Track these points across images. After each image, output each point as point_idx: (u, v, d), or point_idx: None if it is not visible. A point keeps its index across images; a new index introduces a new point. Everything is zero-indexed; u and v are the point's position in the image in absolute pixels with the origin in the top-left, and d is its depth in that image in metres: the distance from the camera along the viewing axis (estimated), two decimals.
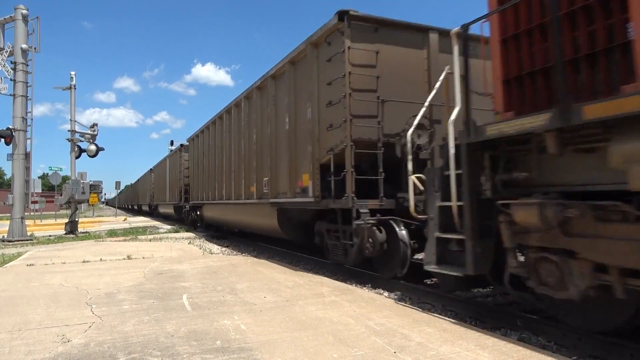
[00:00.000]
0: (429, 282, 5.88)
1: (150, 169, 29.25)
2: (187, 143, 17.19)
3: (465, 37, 4.00)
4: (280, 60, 8.22)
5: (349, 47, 5.97)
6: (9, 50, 13.59)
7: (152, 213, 31.03)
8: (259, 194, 9.20)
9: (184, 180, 17.52)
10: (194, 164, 15.65)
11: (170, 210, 21.31)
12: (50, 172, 24.77)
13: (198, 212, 15.23)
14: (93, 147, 15.97)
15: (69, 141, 15.61)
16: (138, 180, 40.48)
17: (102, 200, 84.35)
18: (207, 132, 13.85)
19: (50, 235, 14.87)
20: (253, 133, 9.60)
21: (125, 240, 12.96)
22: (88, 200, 18.92)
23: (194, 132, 15.58)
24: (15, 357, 3.10)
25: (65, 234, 15.18)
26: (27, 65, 13.73)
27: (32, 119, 13.75)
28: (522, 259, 3.57)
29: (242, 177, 10.27)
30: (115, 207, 44.03)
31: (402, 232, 5.65)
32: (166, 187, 21.82)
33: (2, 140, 13.16)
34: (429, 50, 6.46)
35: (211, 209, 13.38)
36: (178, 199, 18.35)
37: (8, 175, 76.25)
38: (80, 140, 15.86)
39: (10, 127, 13.25)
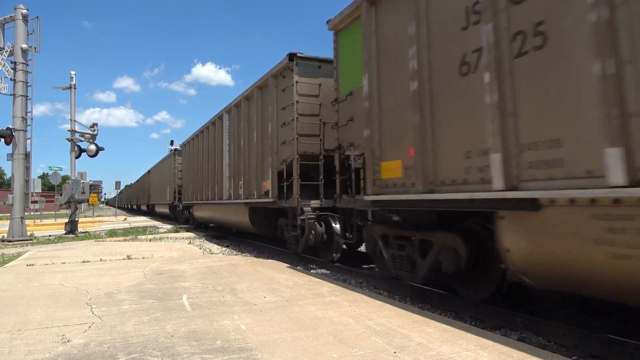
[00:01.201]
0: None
1: (175, 150, 20.75)
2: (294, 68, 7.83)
3: None
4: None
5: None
6: (9, 50, 13.58)
7: (176, 217, 20.65)
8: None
9: (285, 152, 8.15)
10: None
11: (238, 217, 10.67)
12: (50, 172, 24.77)
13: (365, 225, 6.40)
14: (93, 147, 15.95)
15: (69, 141, 15.59)
16: (149, 171, 31.20)
17: (102, 200, 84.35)
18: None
19: (50, 235, 14.86)
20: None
21: (125, 240, 12.95)
22: (88, 200, 18.89)
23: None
24: (15, 357, 3.10)
25: (65, 233, 15.17)
26: (27, 65, 13.72)
27: (32, 119, 13.74)
28: None
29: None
30: (115, 207, 43.97)
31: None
32: (221, 172, 11.99)
33: (2, 140, 13.15)
34: None
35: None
36: (275, 193, 8.46)
37: (8, 175, 76.29)
38: (80, 140, 15.84)
39: (10, 126, 13.24)
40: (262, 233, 9.80)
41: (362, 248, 7.50)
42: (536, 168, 3.37)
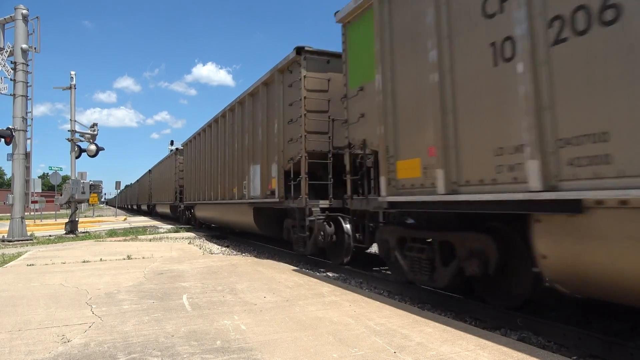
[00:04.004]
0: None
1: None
2: None
3: None
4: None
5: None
6: (9, 50, 13.57)
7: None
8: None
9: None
10: None
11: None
12: (50, 172, 24.77)
13: None
14: (93, 147, 15.95)
15: (69, 141, 15.59)
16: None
17: (102, 200, 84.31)
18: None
19: (50, 235, 14.86)
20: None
21: (125, 240, 12.95)
22: (88, 200, 18.88)
23: None
24: (15, 357, 3.10)
25: (65, 233, 15.17)
26: (27, 65, 13.72)
27: (32, 119, 13.74)
28: None
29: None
30: (115, 207, 43.92)
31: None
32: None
33: (2, 140, 13.15)
34: None
35: None
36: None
37: (8, 175, 76.29)
38: (81, 140, 15.85)
39: (10, 127, 13.24)
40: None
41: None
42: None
